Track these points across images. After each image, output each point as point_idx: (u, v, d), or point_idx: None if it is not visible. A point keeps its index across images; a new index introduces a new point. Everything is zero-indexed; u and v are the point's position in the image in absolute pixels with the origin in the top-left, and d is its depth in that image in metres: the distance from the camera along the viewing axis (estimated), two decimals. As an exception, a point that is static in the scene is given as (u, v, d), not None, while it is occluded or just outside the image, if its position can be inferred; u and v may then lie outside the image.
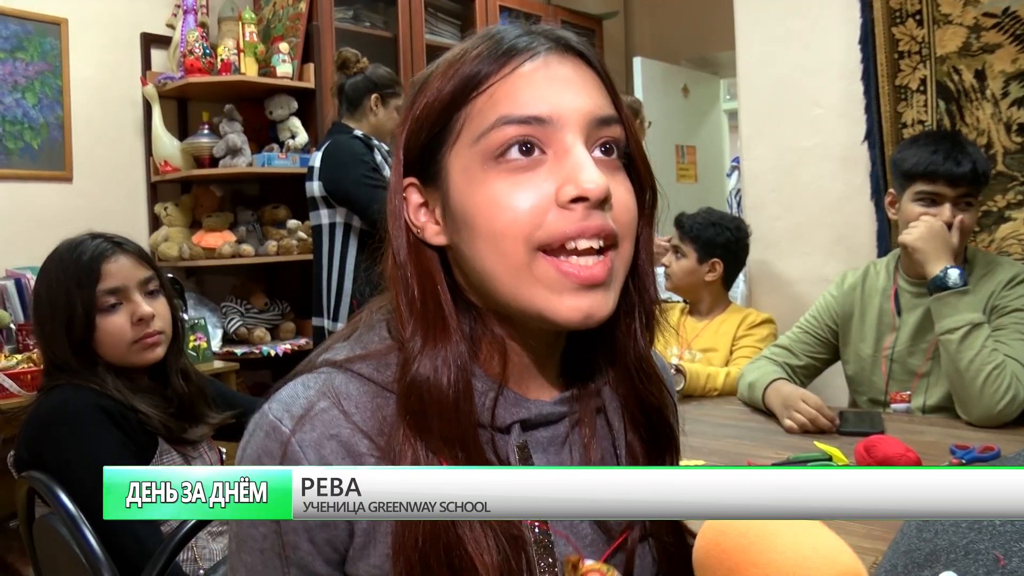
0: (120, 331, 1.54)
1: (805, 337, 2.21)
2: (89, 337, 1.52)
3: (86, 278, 1.53)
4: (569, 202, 0.67)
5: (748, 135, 2.90)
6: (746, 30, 2.88)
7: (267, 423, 0.71)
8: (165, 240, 3.51)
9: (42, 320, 1.56)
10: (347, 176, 2.76)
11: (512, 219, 0.67)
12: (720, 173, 5.81)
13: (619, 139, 0.72)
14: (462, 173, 0.70)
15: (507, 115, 0.68)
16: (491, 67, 0.70)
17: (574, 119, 0.69)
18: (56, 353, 1.54)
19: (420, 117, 0.73)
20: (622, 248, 0.71)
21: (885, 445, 1.49)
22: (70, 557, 1.33)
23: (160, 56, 3.66)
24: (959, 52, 2.45)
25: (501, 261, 0.68)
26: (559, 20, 4.85)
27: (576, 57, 0.73)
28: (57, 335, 1.53)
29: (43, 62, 3.30)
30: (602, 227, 0.68)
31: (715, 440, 1.82)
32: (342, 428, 0.70)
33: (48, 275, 1.57)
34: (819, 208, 2.73)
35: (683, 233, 2.55)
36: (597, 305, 0.68)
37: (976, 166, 1.90)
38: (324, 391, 0.71)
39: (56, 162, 3.36)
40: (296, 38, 3.60)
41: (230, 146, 3.46)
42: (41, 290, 1.57)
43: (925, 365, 2.01)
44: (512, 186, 0.68)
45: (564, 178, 0.67)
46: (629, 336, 0.78)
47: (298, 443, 0.69)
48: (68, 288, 1.52)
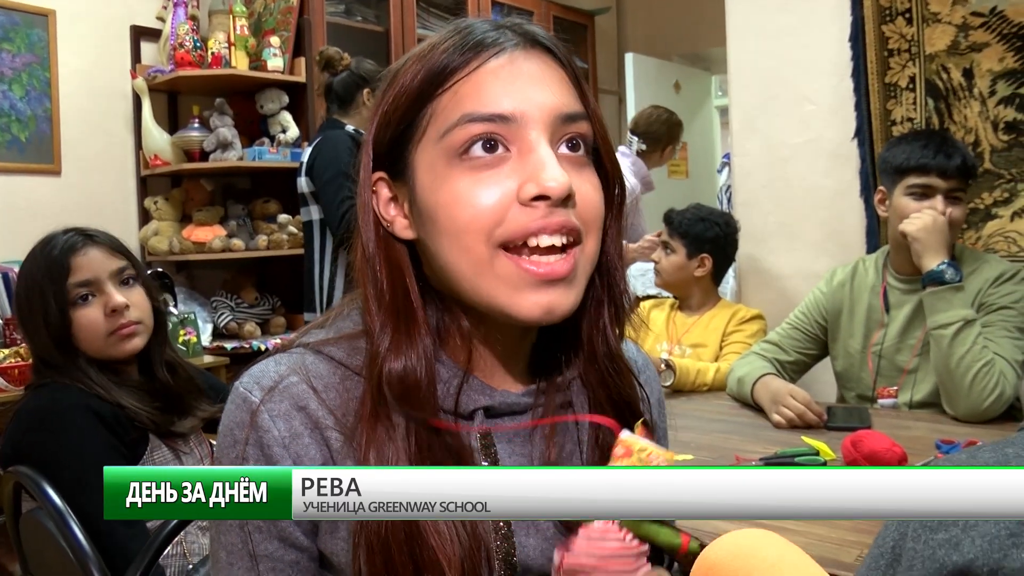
0: (94, 323, 1.53)
1: (794, 333, 2.22)
2: (66, 331, 1.52)
3: (56, 272, 1.53)
4: (531, 200, 0.67)
5: (739, 131, 2.91)
6: (737, 26, 2.89)
7: (237, 395, 0.73)
8: (155, 234, 3.49)
9: (23, 317, 1.57)
10: (324, 175, 2.81)
11: (474, 216, 0.68)
12: (711, 169, 5.82)
13: (585, 135, 0.72)
14: (428, 169, 0.71)
15: (471, 112, 0.68)
16: (456, 63, 0.70)
17: (538, 116, 0.69)
18: (39, 349, 1.55)
19: (388, 112, 0.74)
20: (587, 243, 0.71)
21: (872, 440, 1.50)
22: (57, 552, 1.33)
23: (150, 49, 3.65)
24: (948, 50, 2.46)
25: (463, 257, 0.69)
26: (551, 15, 4.85)
27: (544, 53, 0.73)
28: (38, 331, 1.53)
29: (31, 54, 3.28)
30: (564, 224, 0.68)
31: (704, 435, 1.83)
32: (310, 401, 0.72)
33: (24, 272, 1.58)
34: (809, 204, 2.74)
35: (672, 229, 2.56)
36: (558, 301, 0.69)
37: (965, 160, 1.94)
38: (295, 368, 0.74)
39: (44, 155, 3.34)
40: (287, 32, 3.58)
41: (220, 140, 3.45)
42: (20, 288, 1.57)
43: (912, 361, 2.02)
44: (475, 183, 0.68)
45: (527, 176, 0.68)
46: (597, 330, 0.78)
47: (267, 412, 0.71)
48: (41, 284, 1.53)
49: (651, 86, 5.21)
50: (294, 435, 0.71)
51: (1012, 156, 2.39)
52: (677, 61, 5.58)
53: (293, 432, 0.71)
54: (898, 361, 2.05)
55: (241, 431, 0.72)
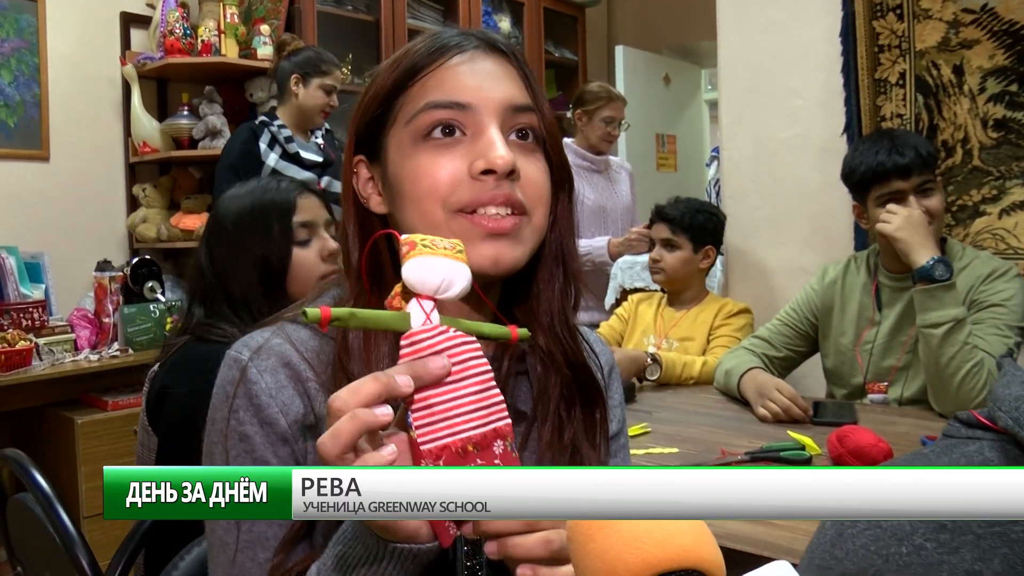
0: (312, 264, 1.55)
1: (784, 329, 2.23)
2: (284, 270, 1.52)
3: (284, 208, 1.54)
4: (480, 174, 0.77)
5: (728, 125, 2.92)
6: (728, 20, 2.90)
7: (229, 358, 0.82)
8: (143, 221, 3.48)
9: (234, 250, 1.53)
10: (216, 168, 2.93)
11: (431, 185, 0.78)
12: (700, 162, 5.83)
13: (534, 126, 0.82)
14: (397, 148, 0.82)
15: (434, 100, 0.79)
16: (425, 60, 0.81)
17: (491, 106, 0.79)
18: (241, 286, 1.51)
19: (367, 102, 0.84)
20: (534, 216, 0.81)
21: (857, 435, 1.51)
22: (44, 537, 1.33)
23: (140, 36, 3.62)
24: (938, 47, 2.47)
25: (423, 220, 0.79)
26: (542, 7, 4.83)
27: (500, 55, 0.83)
28: (250, 266, 1.51)
29: (19, 39, 3.26)
30: (509, 196, 0.78)
31: (689, 428, 1.84)
32: (292, 356, 0.80)
33: (240, 209, 1.55)
34: (797, 199, 2.76)
35: (675, 225, 2.53)
36: (503, 252, 0.78)
37: (918, 150, 1.93)
38: (277, 332, 0.83)
39: (32, 141, 3.32)
40: (277, 20, 3.56)
41: (209, 128, 3.44)
42: (234, 221, 1.54)
43: (903, 358, 2.03)
44: (434, 158, 0.79)
45: (477, 154, 0.78)
46: (552, 299, 0.86)
47: (255, 367, 0.79)
48: (267, 217, 1.52)
49: (641, 79, 5.21)
50: (280, 386, 0.79)
51: (1001, 153, 2.41)
52: (667, 54, 5.58)
53: (279, 384, 0.79)
54: (888, 358, 2.06)
55: (231, 386, 0.79)
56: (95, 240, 3.50)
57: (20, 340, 2.77)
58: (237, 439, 0.78)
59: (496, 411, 0.64)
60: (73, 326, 3.10)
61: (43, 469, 1.38)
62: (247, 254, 1.52)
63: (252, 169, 2.83)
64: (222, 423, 0.79)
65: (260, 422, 0.78)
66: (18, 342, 2.76)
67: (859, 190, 2.03)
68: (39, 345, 2.88)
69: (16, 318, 2.92)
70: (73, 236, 3.44)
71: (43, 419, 2.97)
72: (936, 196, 1.96)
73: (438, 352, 0.63)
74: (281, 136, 2.91)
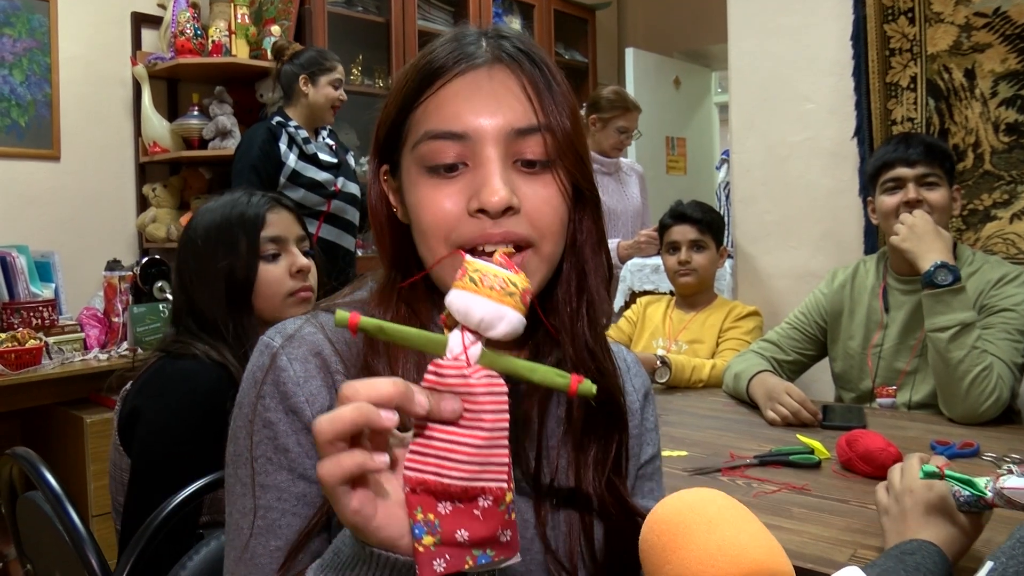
0: (279, 281, 1.54)
1: (794, 333, 2.23)
2: (250, 285, 1.51)
3: (252, 223, 1.52)
4: (476, 212, 0.74)
5: (738, 128, 2.91)
6: (739, 24, 2.89)
7: (261, 343, 0.82)
8: (153, 221, 3.49)
9: (200, 265, 1.52)
10: (233, 167, 2.92)
11: (432, 222, 0.76)
12: (710, 166, 5.82)
13: (539, 150, 0.77)
14: (407, 173, 0.80)
15: (432, 130, 0.76)
16: (428, 80, 0.78)
17: (491, 135, 0.75)
18: (207, 302, 1.50)
19: (384, 116, 0.83)
20: (541, 247, 0.77)
21: (867, 439, 1.50)
22: (53, 535, 1.33)
23: (151, 36, 3.64)
24: (950, 51, 2.46)
25: (428, 252, 0.78)
26: (552, 10, 4.84)
27: (509, 66, 0.78)
28: (215, 281, 1.50)
29: (31, 39, 3.28)
30: (507, 234, 0.75)
31: (698, 431, 1.83)
32: (324, 347, 0.80)
33: (209, 223, 1.54)
34: (807, 203, 2.75)
35: (702, 225, 2.53)
36: None
37: (927, 145, 1.99)
38: (311, 320, 0.82)
39: (44, 140, 3.34)
40: (288, 21, 3.57)
41: (220, 128, 3.45)
42: (202, 236, 1.53)
43: (912, 362, 2.03)
44: (434, 192, 0.76)
45: (474, 190, 0.75)
46: (574, 318, 0.83)
47: (286, 355, 0.78)
48: (234, 232, 1.51)
49: (651, 82, 5.21)
50: (308, 376, 0.78)
51: (1012, 158, 2.40)
52: (677, 57, 5.57)
53: (308, 373, 0.78)
54: (897, 362, 2.06)
55: (261, 372, 0.79)
56: (105, 239, 3.52)
57: (30, 339, 2.78)
58: (261, 424, 0.77)
59: (494, 471, 0.60)
60: (82, 325, 3.11)
61: (52, 467, 1.38)
62: (213, 268, 1.51)
63: (272, 169, 2.84)
64: (248, 408, 0.79)
65: (286, 409, 0.77)
66: (28, 341, 2.76)
67: (872, 181, 2.08)
68: (49, 344, 2.89)
69: (26, 317, 2.93)
70: (83, 235, 3.45)
71: (52, 418, 2.97)
72: (940, 190, 1.98)
73: (455, 393, 0.59)
74: (299, 137, 2.93)
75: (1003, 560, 0.67)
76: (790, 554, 1.17)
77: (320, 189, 2.95)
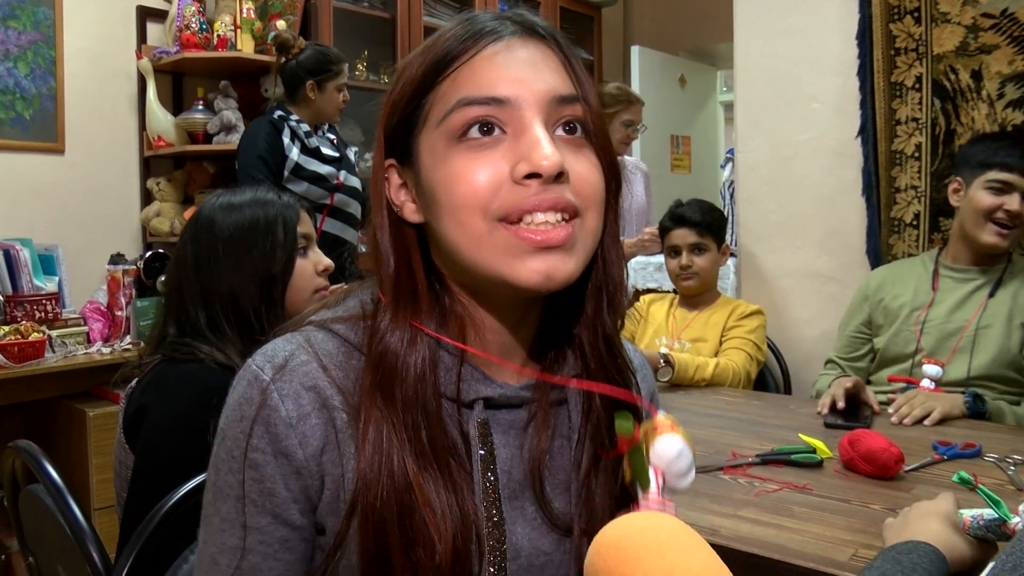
0: (309, 275, 1.55)
1: (853, 343, 2.33)
2: (287, 277, 1.51)
3: (291, 217, 1.53)
4: (523, 178, 0.69)
5: (743, 127, 2.90)
6: (744, 23, 2.89)
7: (249, 373, 0.75)
8: (157, 215, 3.50)
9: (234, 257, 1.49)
10: (239, 161, 2.92)
11: (470, 192, 0.70)
12: (714, 164, 5.81)
13: (581, 118, 0.74)
14: (429, 152, 0.74)
15: (468, 96, 0.71)
16: (456, 51, 0.73)
17: (533, 99, 0.71)
18: (239, 293, 1.47)
19: (396, 100, 0.77)
20: (587, 219, 0.73)
21: (869, 439, 1.50)
22: (55, 529, 1.33)
23: (156, 30, 3.64)
24: (956, 51, 2.45)
25: (462, 232, 0.71)
26: (558, 6, 4.83)
27: (540, 40, 0.75)
28: (252, 272, 1.48)
29: (36, 32, 3.28)
30: (557, 200, 0.70)
31: (700, 430, 1.83)
32: (319, 380, 0.74)
33: (247, 217, 1.51)
34: (812, 202, 2.74)
35: (702, 228, 2.52)
36: (557, 266, 0.70)
37: None
38: (304, 345, 0.76)
39: (48, 133, 3.34)
40: (293, 16, 3.57)
41: (224, 123, 3.45)
42: (240, 228, 1.50)
43: (962, 340, 2.08)
44: (471, 162, 0.71)
45: (519, 155, 0.70)
46: (596, 317, 0.80)
47: (277, 392, 0.73)
48: (273, 225, 1.50)
49: (656, 80, 5.20)
50: (302, 415, 0.73)
51: (1018, 160, 2.39)
52: (683, 55, 5.56)
53: (301, 412, 0.73)
54: (948, 339, 2.10)
55: (250, 408, 0.74)
56: (109, 233, 3.52)
57: (33, 332, 2.78)
58: (249, 465, 0.73)
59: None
60: (86, 319, 3.12)
61: (55, 461, 1.38)
62: (249, 261, 1.49)
63: (277, 162, 2.85)
64: (232, 441, 0.74)
65: (275, 452, 0.72)
66: (31, 334, 2.77)
67: (975, 168, 2.08)
68: (52, 337, 2.89)
69: (29, 310, 2.93)
70: (87, 229, 3.46)
71: (55, 411, 2.98)
72: None
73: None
74: (301, 131, 2.93)
75: (1003, 558, 0.67)
76: (791, 553, 1.17)
77: (323, 182, 2.95)
